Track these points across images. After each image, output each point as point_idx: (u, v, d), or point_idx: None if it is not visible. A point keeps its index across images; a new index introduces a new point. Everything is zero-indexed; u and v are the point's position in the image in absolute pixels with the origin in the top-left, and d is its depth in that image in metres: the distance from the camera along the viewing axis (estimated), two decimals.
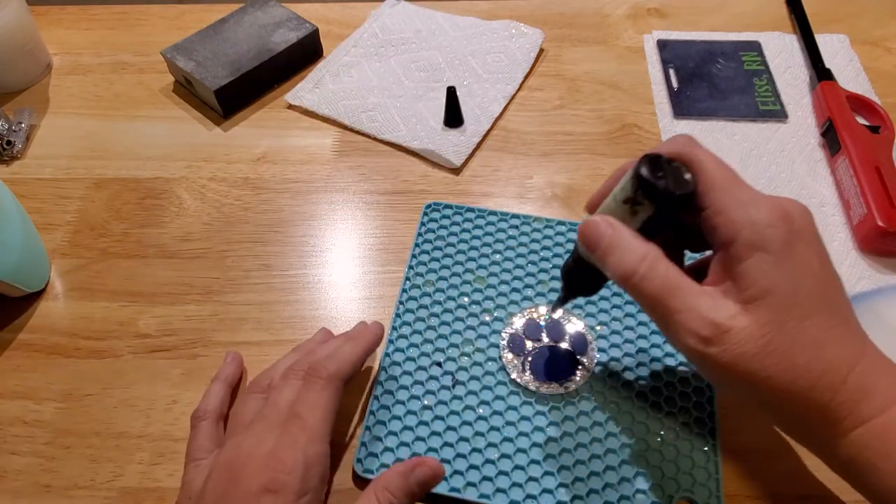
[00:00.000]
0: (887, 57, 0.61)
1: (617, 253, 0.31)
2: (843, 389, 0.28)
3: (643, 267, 0.31)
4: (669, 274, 0.30)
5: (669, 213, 0.31)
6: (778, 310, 0.29)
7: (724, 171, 0.31)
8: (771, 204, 0.30)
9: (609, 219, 0.32)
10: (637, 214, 0.31)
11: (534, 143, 0.56)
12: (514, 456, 0.39)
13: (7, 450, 0.41)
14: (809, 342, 0.28)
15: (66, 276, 0.49)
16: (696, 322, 0.29)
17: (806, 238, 0.30)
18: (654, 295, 0.30)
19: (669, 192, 0.30)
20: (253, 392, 0.38)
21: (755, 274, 0.29)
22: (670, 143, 0.33)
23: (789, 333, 0.28)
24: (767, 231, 0.29)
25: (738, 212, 0.30)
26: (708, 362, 0.30)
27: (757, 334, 0.29)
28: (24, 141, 0.57)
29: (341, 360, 0.37)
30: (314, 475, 0.33)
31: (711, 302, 0.30)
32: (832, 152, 0.52)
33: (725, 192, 0.30)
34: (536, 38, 0.63)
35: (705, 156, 0.31)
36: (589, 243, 0.32)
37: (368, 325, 0.42)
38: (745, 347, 0.29)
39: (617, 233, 0.31)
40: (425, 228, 0.50)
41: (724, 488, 0.37)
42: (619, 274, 0.31)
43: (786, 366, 0.28)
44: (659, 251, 0.31)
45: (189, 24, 0.67)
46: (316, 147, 0.57)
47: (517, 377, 0.42)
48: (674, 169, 0.31)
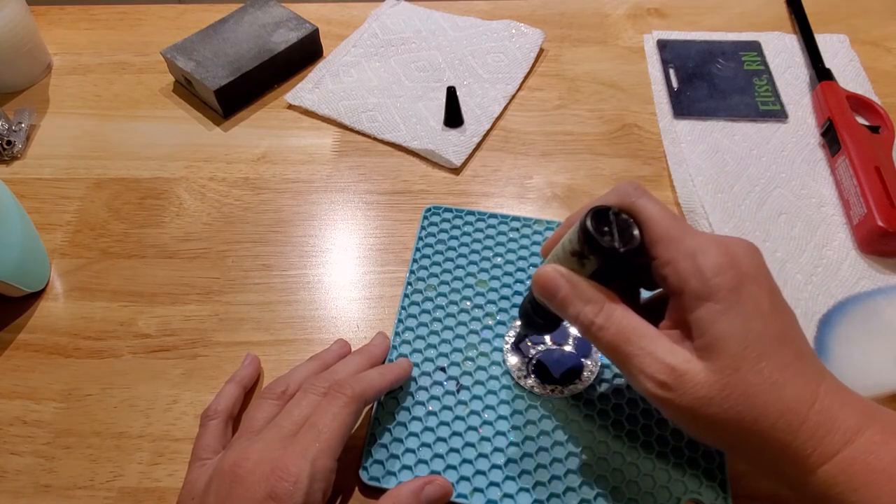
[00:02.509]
0: (887, 57, 0.61)
1: (573, 305, 0.32)
2: (804, 428, 0.29)
3: (600, 318, 0.31)
4: (625, 321, 0.31)
5: (616, 266, 0.31)
6: (731, 356, 0.29)
7: (670, 220, 0.31)
8: (717, 251, 0.30)
9: (562, 269, 0.33)
10: (585, 266, 0.32)
11: (534, 143, 0.56)
12: (521, 461, 0.38)
13: (7, 450, 0.41)
14: (766, 383, 0.29)
15: (66, 276, 0.49)
16: (653, 367, 0.30)
17: (755, 279, 0.30)
18: (611, 343, 0.31)
19: (613, 248, 0.30)
20: (267, 398, 0.38)
21: (705, 323, 0.29)
22: (617, 192, 0.33)
23: (744, 376, 0.29)
24: (714, 281, 0.29)
25: (685, 263, 0.30)
26: (667, 406, 0.30)
27: (712, 378, 0.29)
28: (24, 141, 0.57)
29: (368, 383, 0.37)
30: (317, 490, 0.33)
31: (668, 346, 0.30)
32: (832, 152, 0.52)
33: (672, 243, 0.31)
34: (536, 38, 0.63)
35: (651, 206, 0.32)
36: (544, 293, 0.33)
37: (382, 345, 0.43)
38: (702, 392, 0.29)
39: (571, 284, 0.32)
40: (426, 232, 0.50)
41: (730, 489, 0.37)
42: (579, 325, 0.32)
43: (744, 408, 0.29)
44: (615, 299, 0.32)
45: (189, 24, 0.67)
46: (316, 147, 0.57)
47: (521, 381, 0.41)
48: (621, 221, 0.31)
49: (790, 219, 0.49)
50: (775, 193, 0.51)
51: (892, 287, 0.45)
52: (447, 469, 0.38)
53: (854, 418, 0.29)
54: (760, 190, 0.51)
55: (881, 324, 0.43)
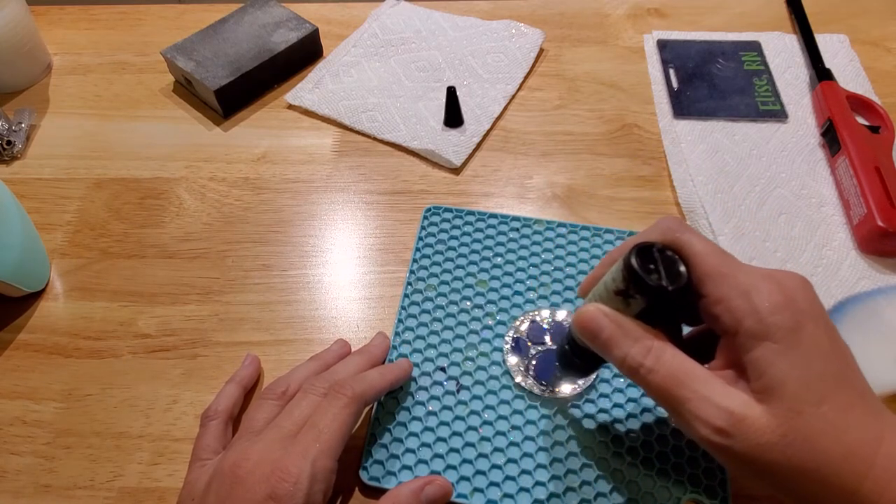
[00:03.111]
0: (887, 57, 0.61)
1: (619, 346, 0.30)
2: (871, 473, 0.27)
3: (649, 360, 0.30)
4: (676, 363, 0.29)
5: (663, 306, 0.30)
6: (792, 399, 0.27)
7: (719, 256, 0.30)
8: (771, 287, 0.29)
9: (605, 309, 0.31)
10: (630, 306, 0.30)
11: (534, 143, 0.56)
12: (521, 460, 0.39)
13: (7, 450, 0.41)
14: (829, 427, 0.27)
15: (66, 276, 0.49)
16: (709, 411, 0.28)
17: (812, 316, 0.29)
18: (661, 386, 0.29)
19: (661, 287, 0.29)
20: (267, 398, 0.38)
21: (763, 365, 0.28)
22: (659, 228, 0.32)
23: (807, 421, 0.27)
24: (771, 319, 0.28)
25: (739, 301, 0.29)
26: (725, 453, 0.28)
27: (773, 423, 0.27)
28: (24, 141, 0.57)
29: (369, 384, 0.37)
30: (318, 490, 0.33)
31: (723, 389, 0.29)
32: (832, 152, 0.52)
33: (723, 279, 0.29)
34: (536, 38, 0.63)
35: (697, 241, 0.30)
36: (587, 335, 0.32)
37: (382, 345, 0.43)
38: (764, 437, 0.27)
39: (616, 324, 0.30)
40: (426, 232, 0.50)
41: (731, 488, 0.37)
42: (626, 368, 0.31)
43: (807, 454, 0.27)
44: (663, 339, 0.30)
45: (189, 24, 0.67)
46: (316, 147, 0.57)
47: (521, 381, 0.41)
48: (666, 258, 0.30)
49: (790, 219, 0.49)
50: (775, 193, 0.51)
51: (892, 287, 0.45)
52: (447, 469, 0.38)
53: None
54: (760, 190, 0.51)
55: (881, 324, 0.43)
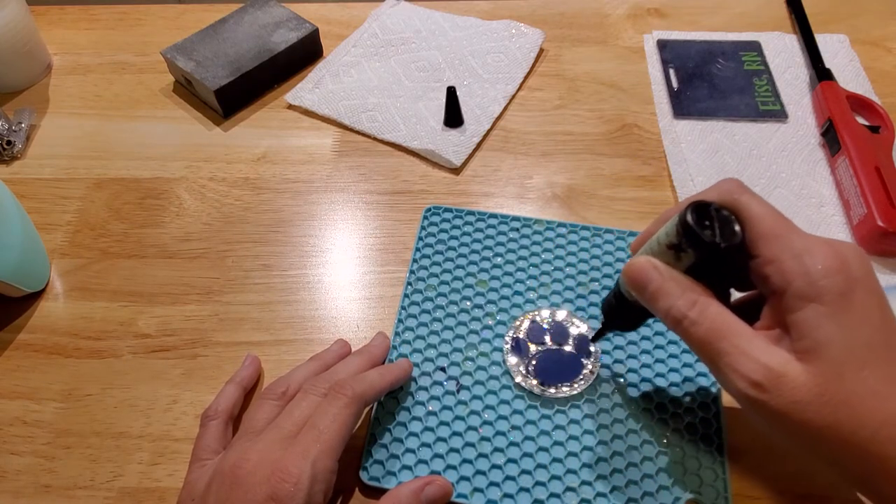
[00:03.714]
0: (887, 57, 0.61)
1: (666, 298, 0.31)
2: None
3: (693, 312, 0.30)
4: (720, 317, 0.30)
5: (714, 263, 0.30)
6: (833, 362, 0.28)
7: (774, 218, 0.30)
8: (827, 252, 0.29)
9: (655, 261, 0.31)
10: (681, 260, 0.31)
11: (534, 143, 0.56)
12: (521, 460, 0.39)
13: (7, 450, 0.41)
14: (869, 393, 0.27)
15: (66, 276, 0.49)
16: (748, 366, 0.29)
17: (865, 286, 0.29)
18: (704, 338, 0.30)
19: (715, 243, 0.29)
20: (267, 398, 0.38)
21: (809, 326, 0.28)
22: (718, 189, 0.32)
23: (847, 384, 0.27)
24: (822, 282, 0.28)
25: (791, 262, 0.29)
26: (760, 408, 0.29)
27: (812, 383, 0.28)
28: (24, 141, 0.57)
29: (369, 384, 0.37)
30: (318, 491, 0.33)
31: (764, 346, 0.29)
32: (832, 152, 0.52)
33: (777, 241, 0.30)
34: (536, 38, 0.63)
35: (755, 203, 0.31)
36: (636, 286, 0.32)
37: (382, 345, 0.43)
38: (800, 395, 0.28)
39: (664, 276, 0.31)
40: (426, 232, 0.50)
41: (731, 489, 0.37)
42: (670, 318, 0.31)
43: (844, 416, 0.27)
44: (709, 294, 0.31)
45: (189, 24, 0.67)
46: (316, 147, 0.57)
47: (521, 381, 0.41)
48: (722, 217, 0.30)
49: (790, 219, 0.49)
50: (775, 193, 0.51)
51: (893, 287, 0.45)
52: (447, 469, 0.38)
53: None
54: (760, 190, 0.51)
55: None
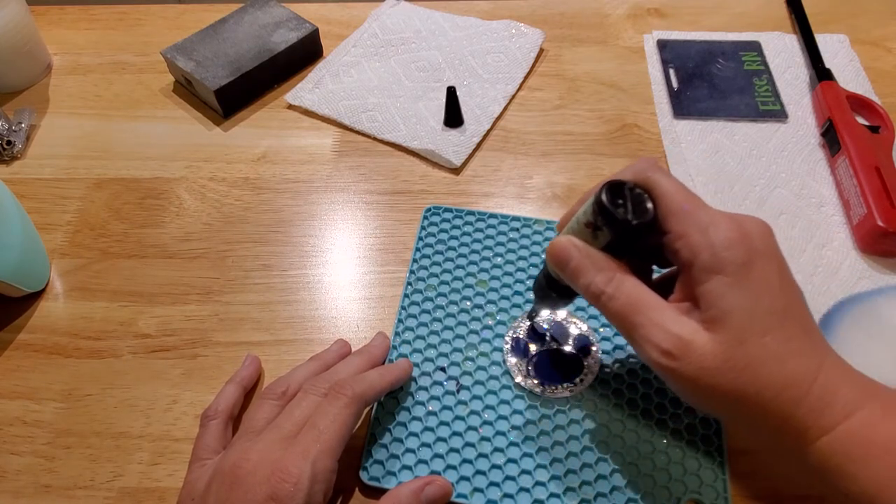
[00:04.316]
0: (887, 57, 0.61)
1: (584, 274, 0.33)
2: (806, 400, 0.29)
3: (610, 287, 0.32)
4: (635, 291, 0.32)
5: (629, 239, 0.32)
6: (737, 329, 0.29)
7: (683, 195, 0.32)
8: (730, 225, 0.31)
9: (574, 240, 0.33)
10: (598, 238, 0.32)
11: (534, 143, 0.56)
12: (521, 460, 0.39)
13: (7, 450, 0.41)
14: (770, 356, 0.29)
15: (66, 276, 0.49)
16: (659, 336, 0.31)
17: (765, 255, 0.31)
18: (620, 312, 0.32)
19: (626, 220, 0.31)
20: (268, 398, 0.38)
21: (713, 296, 0.30)
22: (633, 168, 0.33)
23: (750, 349, 0.29)
24: (725, 254, 0.30)
25: (697, 237, 0.31)
26: (672, 375, 0.31)
27: (717, 350, 0.30)
28: (24, 141, 0.57)
29: (369, 384, 0.37)
30: (318, 491, 0.33)
31: (675, 317, 0.31)
32: (832, 152, 0.52)
33: (685, 216, 0.31)
34: (536, 38, 0.63)
35: (666, 181, 0.32)
36: (557, 263, 0.34)
37: (382, 345, 0.43)
38: (707, 362, 0.30)
39: (583, 254, 0.33)
40: (426, 232, 0.50)
41: (730, 489, 0.37)
42: (589, 293, 0.33)
43: (748, 379, 0.29)
44: (625, 270, 0.32)
45: (189, 24, 0.67)
46: (316, 147, 0.57)
47: (521, 381, 0.41)
48: (636, 196, 0.32)
49: (790, 219, 0.49)
50: (775, 193, 0.51)
51: (892, 287, 0.45)
52: (447, 469, 0.38)
53: (854, 393, 0.30)
54: (760, 190, 0.51)
55: (881, 324, 0.43)
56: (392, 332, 0.44)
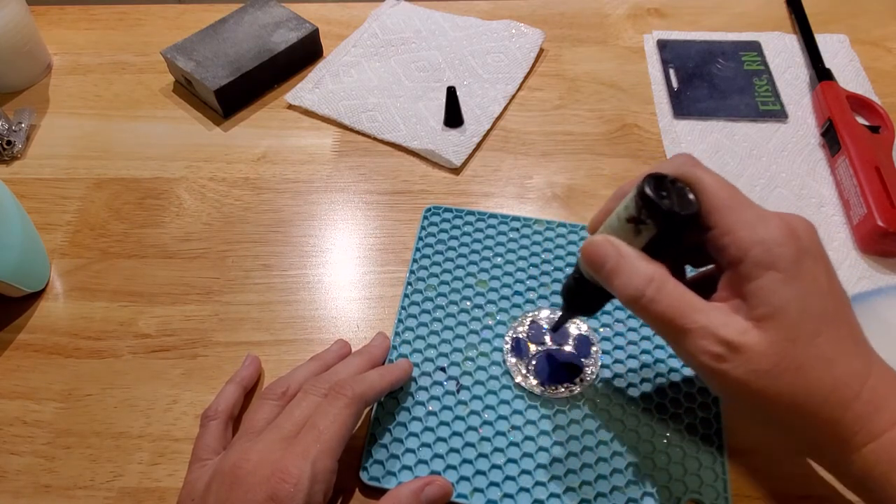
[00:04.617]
0: (887, 57, 0.61)
1: (623, 275, 0.31)
2: (855, 405, 0.28)
3: (651, 289, 0.30)
4: (677, 293, 0.30)
5: (674, 233, 0.31)
6: (789, 327, 0.29)
7: (728, 190, 0.31)
8: (778, 222, 0.30)
9: (613, 239, 0.32)
10: (641, 234, 0.31)
11: (534, 143, 0.56)
12: (521, 460, 0.39)
13: (7, 450, 0.41)
14: (820, 358, 0.29)
15: (66, 276, 0.49)
16: (707, 339, 0.29)
17: (813, 254, 0.30)
18: (663, 316, 0.30)
19: (674, 212, 0.30)
20: (268, 398, 0.38)
21: (766, 292, 0.29)
22: (672, 163, 0.32)
23: (800, 350, 0.28)
24: (777, 250, 0.29)
25: (746, 231, 0.30)
26: (721, 379, 0.30)
27: (769, 351, 0.29)
28: (24, 141, 0.57)
29: (369, 384, 0.37)
30: (318, 491, 0.33)
31: (722, 319, 0.30)
32: (832, 152, 0.52)
33: (731, 212, 0.30)
34: (536, 38, 0.63)
35: (708, 176, 0.31)
36: (593, 264, 0.32)
37: (382, 345, 0.43)
38: (758, 364, 0.29)
39: (621, 254, 0.31)
40: (426, 232, 0.50)
41: (730, 489, 0.37)
42: (627, 296, 0.31)
43: (798, 382, 0.29)
44: (666, 271, 0.31)
45: (189, 24, 0.67)
46: (316, 147, 0.57)
47: (521, 381, 0.41)
48: (678, 189, 0.31)
49: None
50: (775, 193, 0.51)
51: (892, 287, 0.45)
52: (447, 469, 0.38)
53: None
54: (760, 190, 0.51)
55: (881, 324, 0.43)
56: (392, 332, 0.44)
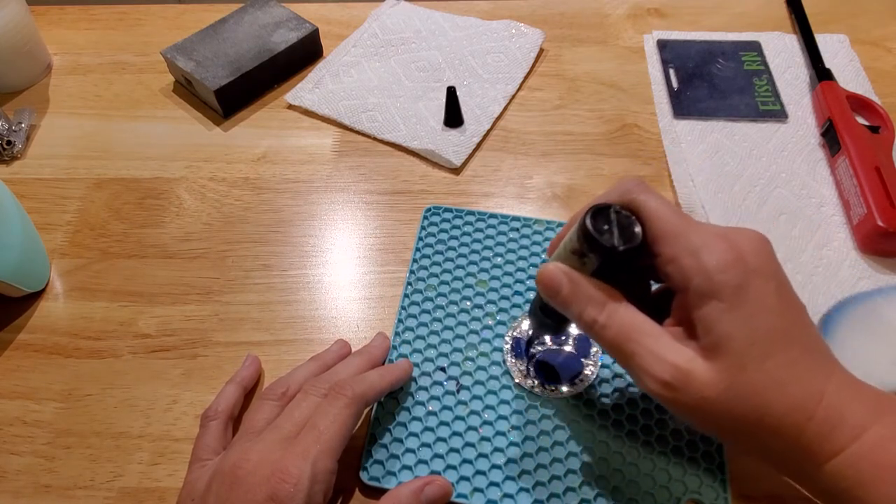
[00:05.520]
0: (887, 57, 0.61)
1: (576, 303, 0.32)
2: (812, 424, 0.28)
3: (602, 316, 0.31)
4: (628, 319, 0.31)
5: (616, 265, 0.31)
6: (736, 355, 0.29)
7: (672, 216, 0.31)
8: (723, 247, 0.29)
9: (564, 267, 0.32)
10: (586, 265, 0.31)
11: (534, 143, 0.56)
12: (521, 461, 0.39)
13: (7, 450, 0.41)
14: (772, 382, 0.29)
15: (66, 276, 0.49)
16: (657, 366, 0.30)
17: (763, 273, 0.29)
18: (613, 341, 0.31)
19: (612, 247, 0.30)
20: (268, 399, 0.38)
21: (709, 322, 0.29)
22: (619, 189, 0.32)
23: (750, 376, 0.28)
24: (719, 277, 0.29)
25: (689, 260, 0.30)
26: (672, 405, 0.30)
27: (717, 379, 0.29)
28: (24, 141, 0.57)
29: (369, 385, 0.37)
30: (318, 491, 0.33)
31: (671, 345, 0.30)
32: (832, 152, 0.52)
33: (675, 240, 0.30)
34: (536, 38, 0.63)
35: (653, 202, 0.31)
36: (547, 292, 0.33)
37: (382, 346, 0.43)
38: (707, 392, 0.29)
39: (573, 282, 0.32)
40: (426, 232, 0.50)
41: (730, 489, 0.37)
42: (581, 323, 0.32)
43: (749, 407, 0.29)
44: (618, 297, 0.31)
45: (189, 24, 0.67)
46: (316, 147, 0.57)
47: (521, 381, 0.41)
48: (622, 219, 0.31)
49: (790, 219, 0.49)
50: (775, 193, 0.51)
51: (892, 287, 0.45)
52: (447, 469, 0.38)
53: (863, 413, 0.29)
54: (760, 190, 0.51)
55: (881, 324, 0.43)
56: (392, 332, 0.44)
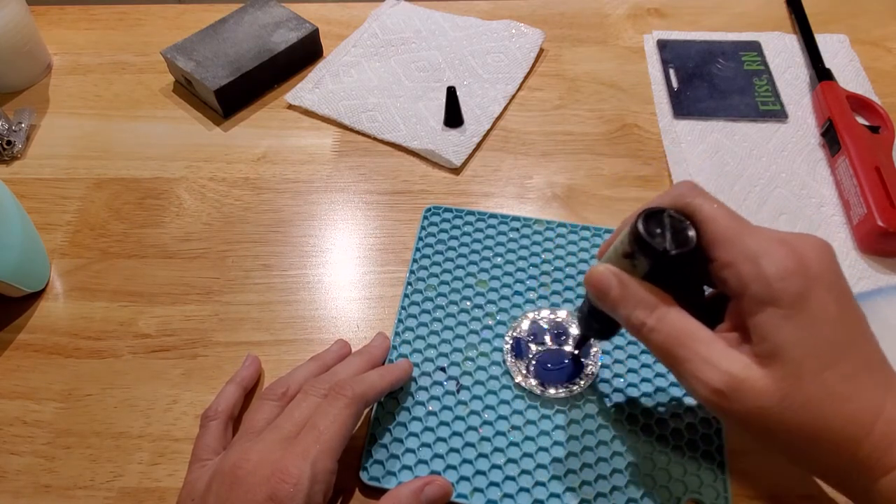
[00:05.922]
0: (887, 57, 0.61)
1: (625, 305, 0.31)
2: (869, 440, 0.27)
3: (652, 319, 0.30)
4: (679, 323, 0.30)
5: (668, 270, 0.30)
6: (793, 364, 0.27)
7: (729, 220, 0.30)
8: (785, 253, 0.28)
9: (614, 269, 0.31)
10: (636, 268, 0.31)
11: (534, 143, 0.56)
12: (521, 461, 0.38)
13: (7, 450, 0.41)
14: (829, 395, 0.27)
15: (66, 276, 0.49)
16: (709, 373, 0.29)
17: (824, 282, 0.28)
18: (663, 345, 0.30)
19: (665, 251, 0.29)
20: (268, 399, 0.38)
21: (766, 329, 0.28)
22: (673, 193, 0.32)
23: (807, 388, 0.27)
24: (778, 285, 0.28)
25: (747, 266, 0.29)
26: (723, 414, 0.29)
27: (772, 388, 0.28)
28: (24, 141, 0.57)
29: (369, 385, 0.37)
30: (318, 491, 0.33)
31: (724, 351, 0.29)
32: (832, 152, 0.52)
33: (730, 245, 0.29)
34: (536, 38, 0.63)
35: (708, 206, 0.30)
36: (597, 294, 0.32)
37: (382, 346, 0.43)
38: (761, 401, 0.28)
39: (623, 284, 0.31)
40: (426, 232, 0.50)
41: (730, 489, 0.37)
42: (629, 326, 0.31)
43: (806, 420, 0.28)
44: (669, 301, 0.31)
45: (189, 24, 0.67)
46: (316, 147, 0.57)
47: (521, 381, 0.41)
48: (675, 223, 0.30)
49: (790, 219, 0.49)
50: (775, 193, 0.51)
51: (892, 287, 0.45)
52: (447, 469, 0.38)
53: None
54: (760, 190, 0.51)
55: (881, 324, 0.42)
56: (392, 332, 0.44)
